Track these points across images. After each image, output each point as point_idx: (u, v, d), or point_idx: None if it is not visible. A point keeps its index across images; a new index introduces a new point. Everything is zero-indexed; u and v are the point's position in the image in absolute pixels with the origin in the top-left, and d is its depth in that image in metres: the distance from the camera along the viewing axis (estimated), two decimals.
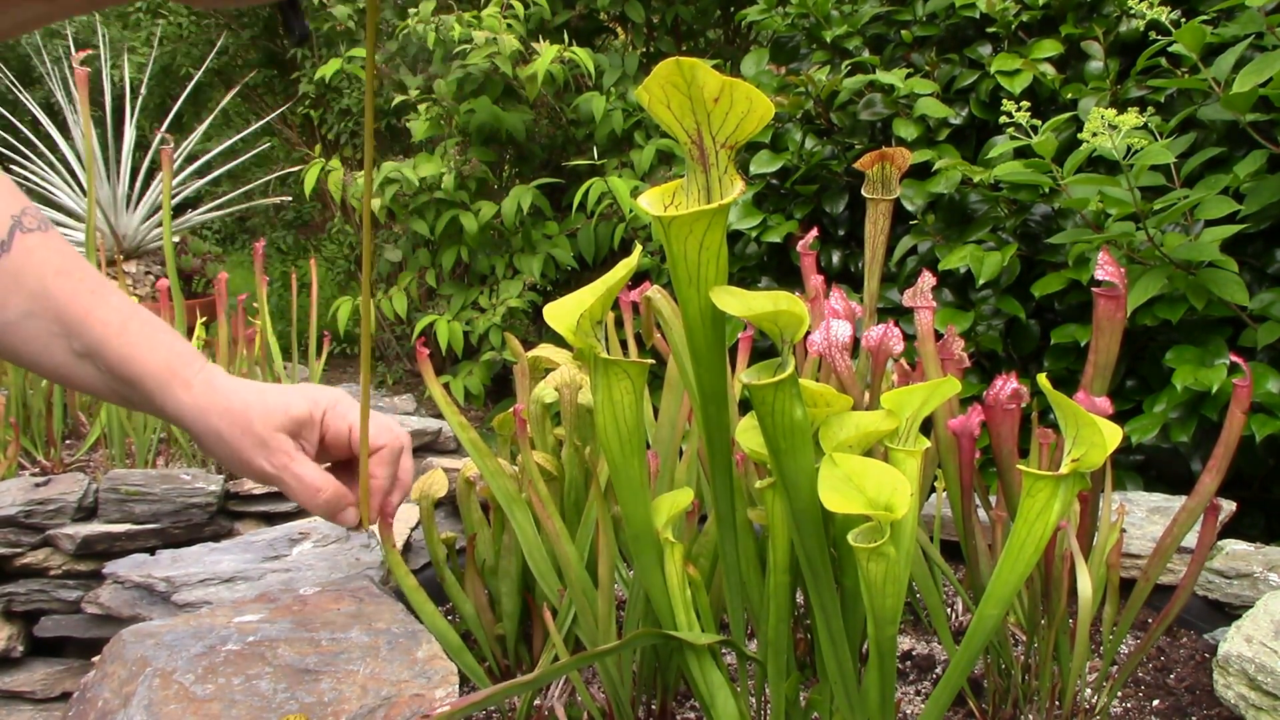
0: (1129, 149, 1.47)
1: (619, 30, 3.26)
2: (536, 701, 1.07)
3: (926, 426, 0.79)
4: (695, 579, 0.81)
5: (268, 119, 4.06)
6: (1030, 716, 1.01)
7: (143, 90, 4.07)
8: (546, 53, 2.63)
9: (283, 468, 0.76)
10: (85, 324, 0.72)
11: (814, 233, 1.21)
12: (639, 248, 0.77)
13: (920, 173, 1.96)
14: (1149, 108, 1.70)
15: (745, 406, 0.76)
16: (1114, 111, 1.43)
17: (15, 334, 0.72)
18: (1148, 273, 1.55)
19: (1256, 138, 1.56)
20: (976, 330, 1.87)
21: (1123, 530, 1.02)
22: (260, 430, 0.75)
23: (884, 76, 1.99)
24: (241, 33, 4.24)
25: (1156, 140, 1.53)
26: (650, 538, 0.78)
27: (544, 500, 1.01)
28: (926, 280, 1.04)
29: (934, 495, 1.33)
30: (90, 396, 2.06)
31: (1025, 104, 1.58)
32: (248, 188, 3.99)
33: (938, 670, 1.17)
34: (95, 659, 1.08)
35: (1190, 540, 1.09)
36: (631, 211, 2.57)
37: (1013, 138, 1.68)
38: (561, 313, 0.72)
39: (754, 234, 2.10)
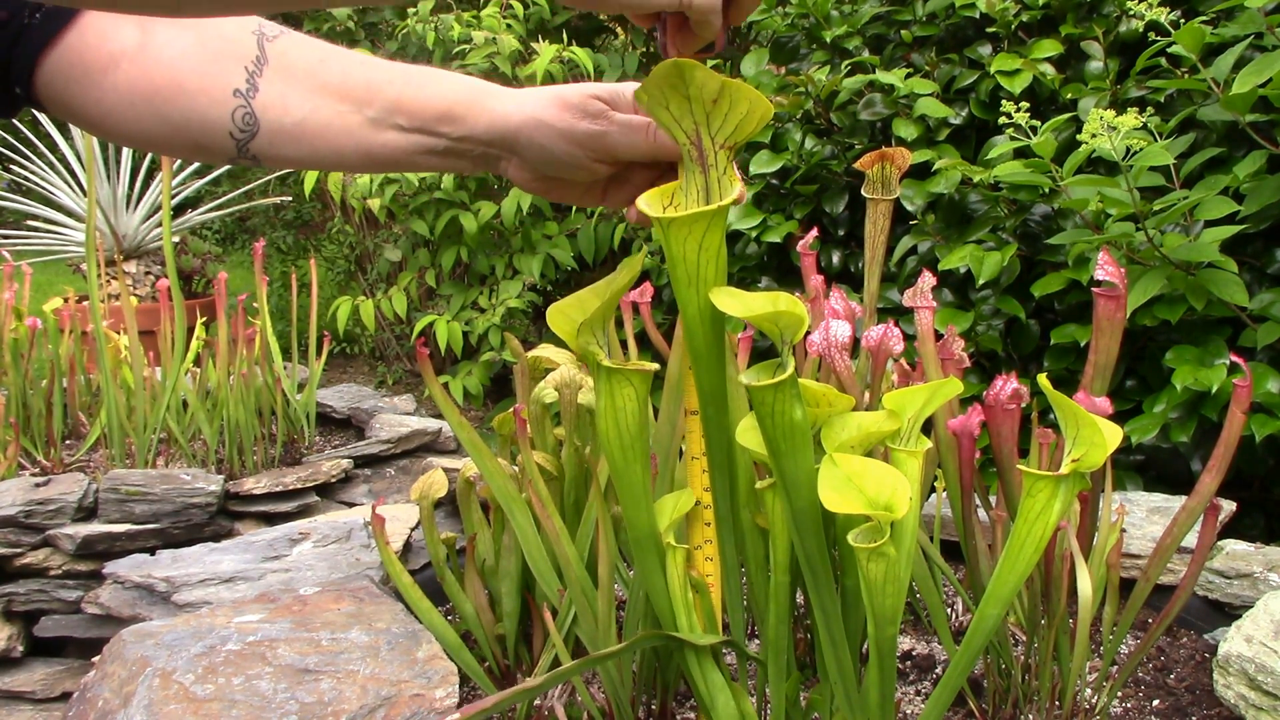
0: (1128, 149, 1.47)
1: (619, 30, 3.26)
2: (536, 702, 1.07)
3: (926, 426, 0.79)
4: (699, 581, 0.81)
5: None
6: (1030, 716, 1.01)
7: None
8: (545, 52, 2.63)
9: (606, 120, 0.73)
10: (372, 90, 0.73)
11: (814, 233, 1.21)
12: (642, 251, 0.76)
13: (920, 173, 1.96)
14: (1149, 108, 1.70)
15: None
16: (1113, 112, 1.43)
17: (310, 130, 0.73)
18: (1148, 273, 1.55)
19: (1256, 138, 1.56)
20: (976, 330, 1.87)
21: (1123, 530, 1.02)
22: (575, 99, 0.73)
23: (884, 76, 1.99)
24: None
25: (1156, 141, 1.53)
26: (652, 541, 0.78)
27: (544, 500, 1.02)
28: (926, 280, 1.04)
29: (934, 495, 1.33)
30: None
31: (1025, 104, 1.58)
32: (247, 188, 3.99)
33: (938, 670, 1.17)
34: (95, 659, 1.08)
35: (1190, 540, 1.10)
36: None
37: (1012, 138, 1.68)
38: (564, 317, 0.72)
39: (754, 234, 2.10)
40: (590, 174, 0.76)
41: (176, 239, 3.82)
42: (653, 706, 1.06)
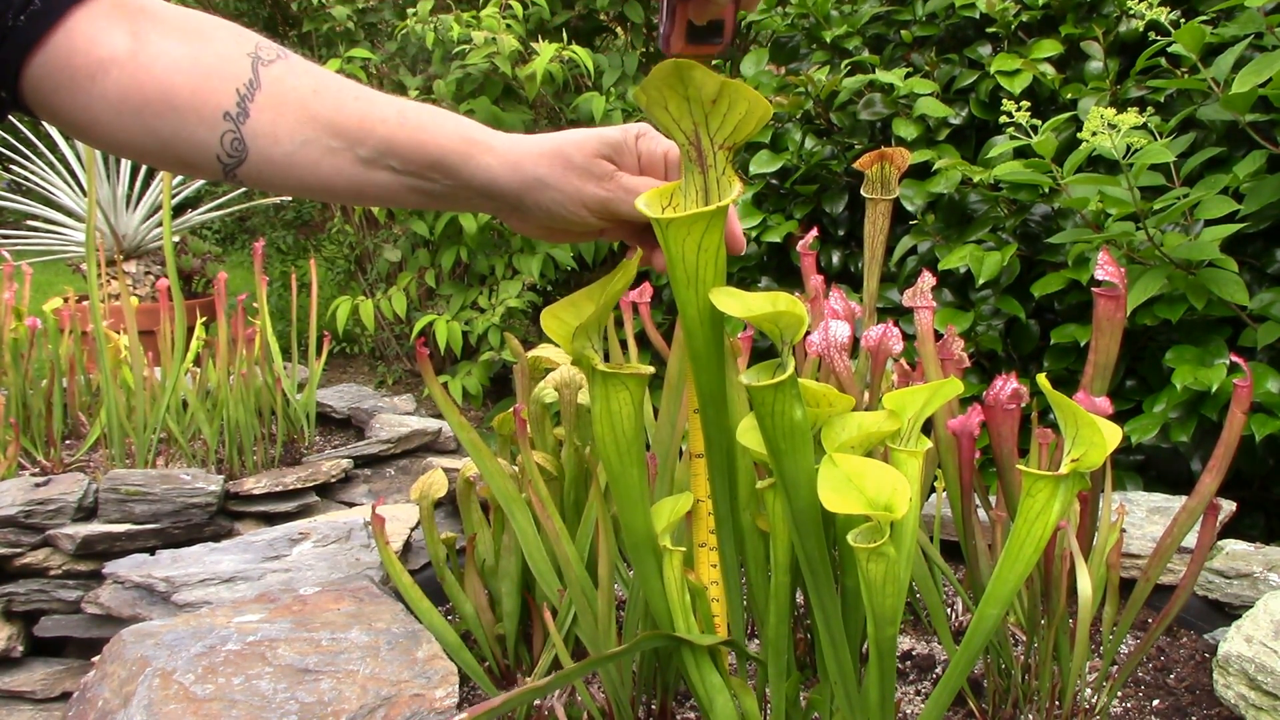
0: (1129, 149, 1.47)
1: (619, 30, 3.26)
2: (537, 702, 1.07)
3: (926, 426, 0.79)
4: (696, 585, 0.81)
5: None
6: (1030, 716, 1.01)
7: None
8: (545, 51, 2.62)
9: (614, 185, 0.72)
10: (365, 128, 0.72)
11: (814, 233, 1.21)
12: (639, 251, 0.76)
13: (920, 173, 1.96)
14: (1149, 108, 1.70)
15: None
16: (1114, 111, 1.43)
17: (300, 164, 0.71)
18: (1148, 273, 1.55)
19: (1256, 138, 1.56)
20: (976, 330, 1.87)
21: (1123, 530, 1.02)
22: (580, 160, 0.72)
23: (884, 76, 1.99)
24: None
25: (1156, 140, 1.53)
26: (650, 545, 0.78)
27: (544, 500, 1.02)
28: (926, 280, 1.04)
29: (934, 495, 1.33)
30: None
31: (1025, 104, 1.58)
32: (247, 187, 3.98)
33: (938, 670, 1.17)
34: (95, 659, 1.08)
35: (1190, 540, 1.10)
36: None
37: (1013, 138, 1.68)
38: (559, 321, 0.71)
39: (754, 234, 2.10)
40: (594, 227, 0.76)
41: (176, 239, 3.82)
42: (653, 706, 1.06)
